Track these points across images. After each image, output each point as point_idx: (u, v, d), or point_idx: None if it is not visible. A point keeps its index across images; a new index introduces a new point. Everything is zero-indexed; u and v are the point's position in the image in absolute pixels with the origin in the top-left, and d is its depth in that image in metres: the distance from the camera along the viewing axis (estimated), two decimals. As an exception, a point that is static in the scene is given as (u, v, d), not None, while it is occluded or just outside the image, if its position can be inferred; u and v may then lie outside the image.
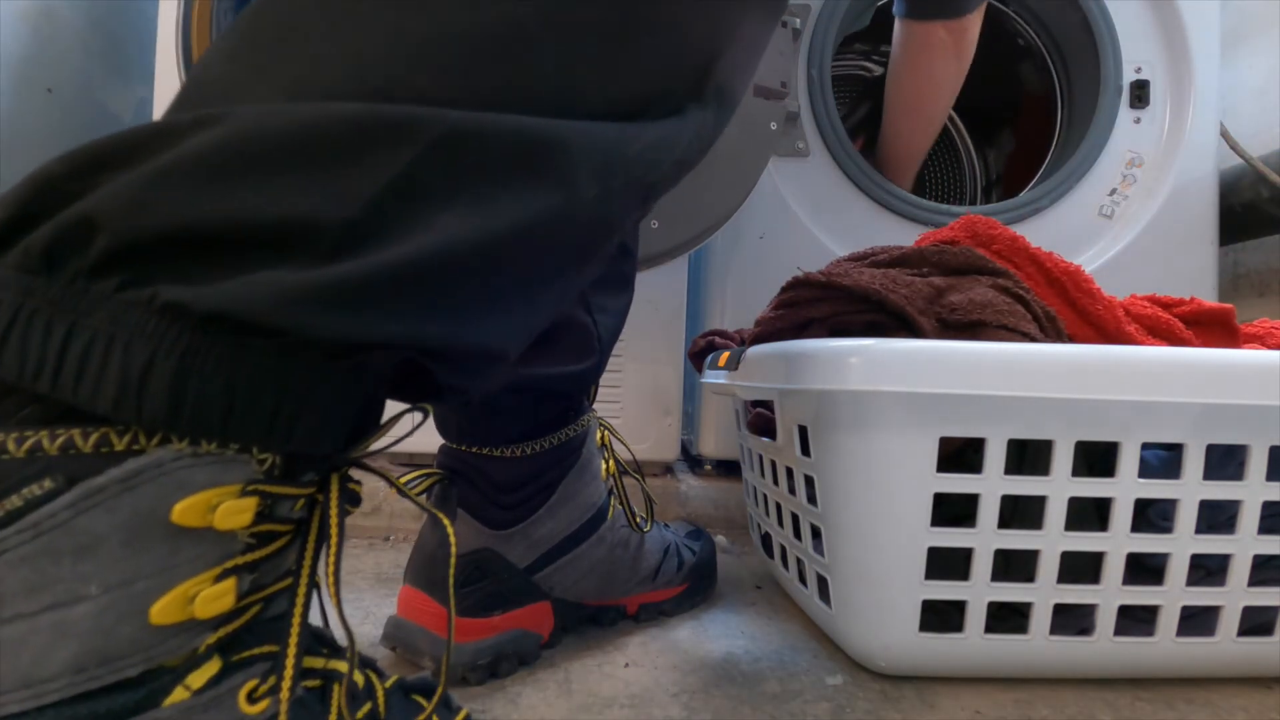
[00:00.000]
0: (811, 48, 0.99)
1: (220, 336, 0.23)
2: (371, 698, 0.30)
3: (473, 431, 0.51)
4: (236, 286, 0.23)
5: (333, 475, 0.28)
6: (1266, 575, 0.50)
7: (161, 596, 0.23)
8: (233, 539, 0.25)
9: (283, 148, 0.23)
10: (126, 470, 0.22)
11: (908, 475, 0.48)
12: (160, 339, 0.22)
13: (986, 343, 0.50)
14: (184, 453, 0.23)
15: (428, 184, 0.25)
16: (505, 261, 0.27)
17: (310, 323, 0.23)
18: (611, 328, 0.53)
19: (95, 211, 0.22)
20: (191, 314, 0.22)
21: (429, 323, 0.26)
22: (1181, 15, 1.05)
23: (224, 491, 0.24)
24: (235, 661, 0.26)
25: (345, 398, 0.27)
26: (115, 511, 0.22)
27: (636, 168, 0.30)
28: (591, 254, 0.32)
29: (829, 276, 0.58)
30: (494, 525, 0.51)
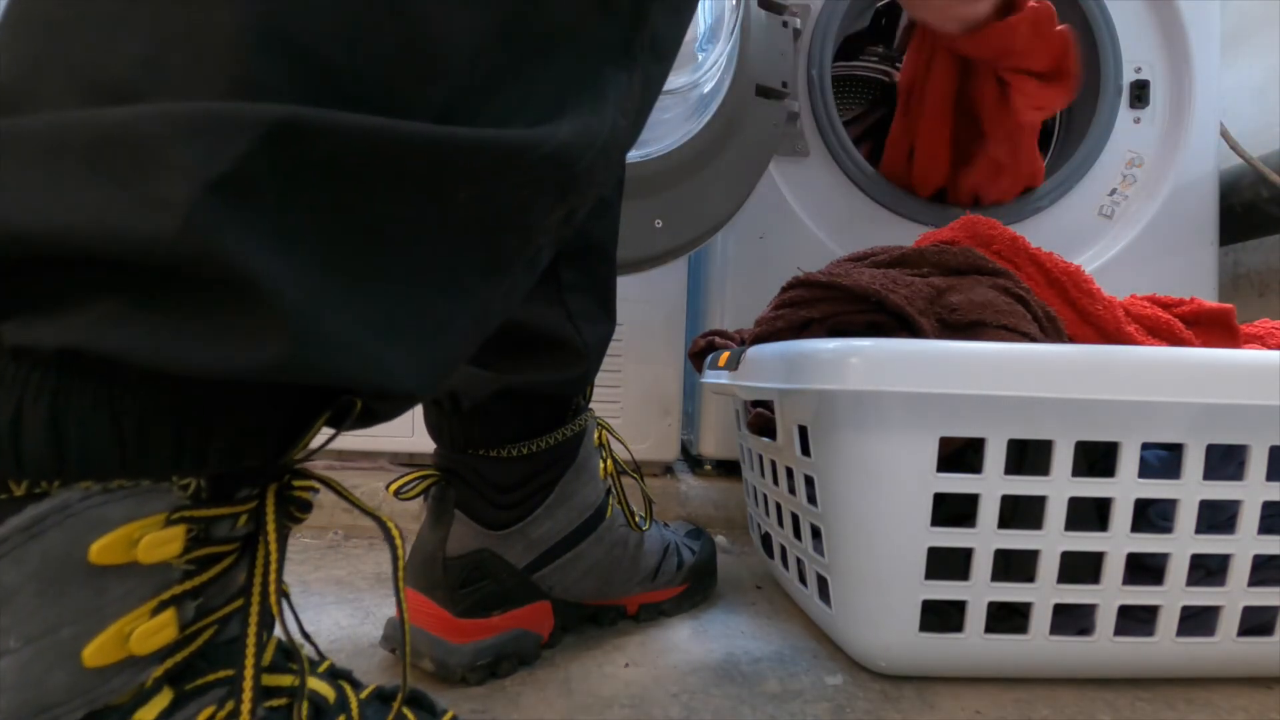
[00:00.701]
0: (811, 48, 0.99)
1: (87, 373, 0.21)
2: (344, 710, 0.29)
3: (466, 437, 0.51)
4: (80, 321, 0.20)
5: (270, 487, 0.26)
6: (1266, 575, 0.50)
7: (93, 639, 0.22)
8: (167, 569, 0.23)
9: (78, 163, 0.20)
10: (28, 518, 0.21)
11: (908, 475, 0.48)
12: (24, 385, 0.21)
13: (986, 343, 0.50)
14: (92, 491, 0.22)
15: (263, 184, 0.21)
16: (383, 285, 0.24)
17: (166, 361, 0.21)
18: (598, 335, 0.52)
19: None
20: (45, 356, 0.20)
21: (304, 359, 0.22)
22: (1181, 15, 1.05)
23: (145, 524, 0.22)
24: (189, 690, 0.24)
25: (258, 414, 0.25)
26: (23, 561, 0.21)
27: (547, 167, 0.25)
28: (507, 265, 0.28)
29: (829, 276, 0.58)
30: (492, 526, 0.51)
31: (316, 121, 0.21)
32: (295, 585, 0.67)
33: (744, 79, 0.80)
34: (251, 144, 0.20)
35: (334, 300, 0.23)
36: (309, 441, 0.28)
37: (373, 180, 0.22)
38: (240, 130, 0.20)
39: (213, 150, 0.20)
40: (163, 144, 0.19)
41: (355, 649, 0.54)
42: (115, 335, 0.21)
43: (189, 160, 0.20)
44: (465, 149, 0.24)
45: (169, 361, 0.21)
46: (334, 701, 0.29)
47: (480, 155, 0.24)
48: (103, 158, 0.20)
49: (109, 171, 0.20)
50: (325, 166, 0.22)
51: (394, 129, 0.22)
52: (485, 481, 0.51)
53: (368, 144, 0.22)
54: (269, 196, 0.21)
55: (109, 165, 0.20)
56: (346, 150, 0.22)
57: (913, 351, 0.47)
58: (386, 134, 0.22)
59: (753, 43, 0.80)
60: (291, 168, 0.21)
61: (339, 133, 0.21)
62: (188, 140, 0.20)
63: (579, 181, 0.28)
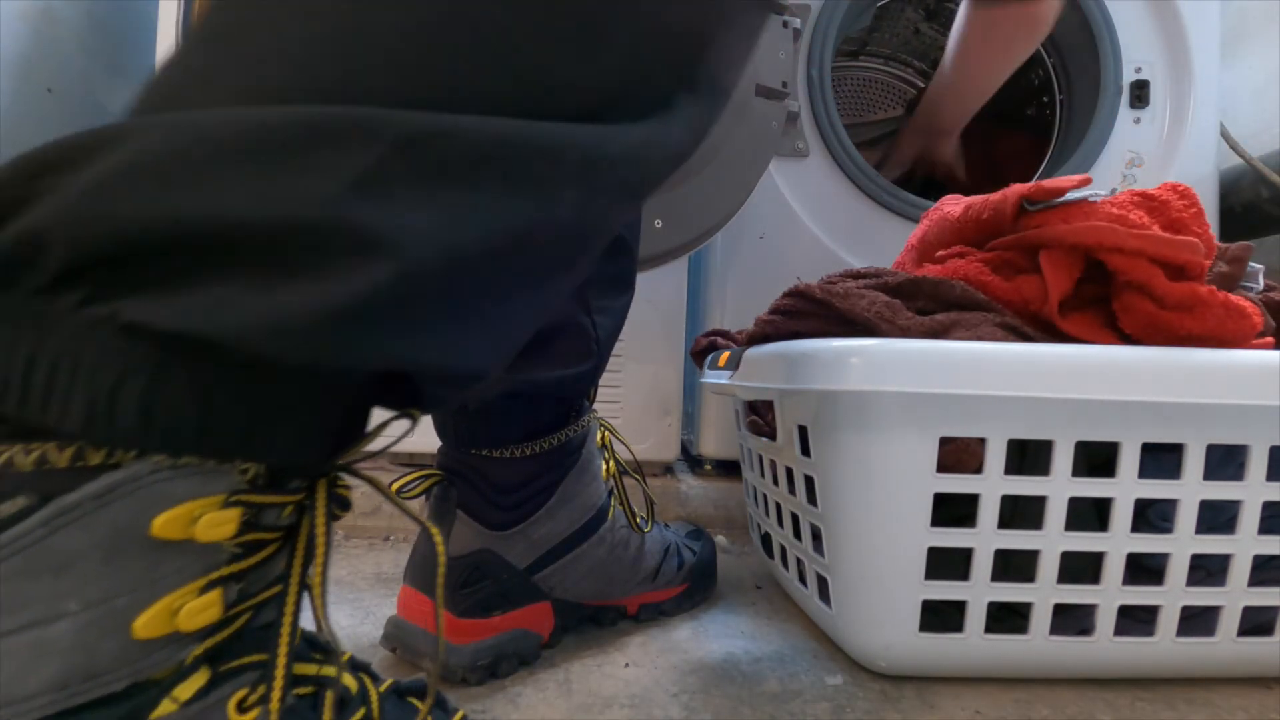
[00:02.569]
0: (811, 48, 0.99)
1: (189, 354, 0.22)
2: (365, 702, 0.30)
3: (471, 436, 0.51)
4: (197, 304, 0.22)
5: (319, 482, 0.28)
6: (1266, 575, 0.50)
7: (144, 611, 0.23)
8: (217, 550, 0.24)
9: (229, 152, 0.22)
10: (102, 485, 0.22)
11: (908, 475, 0.48)
12: (126, 359, 0.22)
13: (986, 343, 0.50)
14: (162, 466, 0.23)
15: (389, 191, 0.23)
16: (479, 274, 0.26)
17: (275, 348, 0.22)
18: (610, 328, 0.53)
19: (42, 224, 0.21)
20: (154, 334, 0.22)
21: (401, 344, 0.24)
22: (1181, 15, 1.05)
23: (206, 503, 0.24)
24: (224, 671, 0.25)
25: (324, 411, 0.26)
26: (92, 528, 0.22)
27: (621, 168, 0.28)
28: (576, 259, 0.31)
29: (825, 293, 0.57)
30: (494, 526, 0.51)
31: (442, 126, 0.23)
32: (295, 585, 0.67)
33: (744, 79, 0.80)
34: (388, 148, 0.22)
35: (440, 286, 0.25)
36: (367, 444, 0.29)
37: (491, 178, 0.25)
38: (379, 135, 0.22)
39: (354, 152, 0.22)
40: (311, 144, 0.22)
41: (356, 649, 0.54)
42: (229, 320, 0.22)
43: (334, 161, 0.22)
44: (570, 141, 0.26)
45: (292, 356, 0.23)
46: (356, 693, 0.30)
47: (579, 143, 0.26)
48: (248, 152, 0.22)
49: (260, 166, 0.22)
50: (447, 165, 0.24)
51: (519, 129, 0.24)
52: (487, 482, 0.51)
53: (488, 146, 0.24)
54: (400, 195, 0.23)
55: (260, 160, 0.22)
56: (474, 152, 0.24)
57: (913, 351, 0.47)
58: (497, 130, 0.24)
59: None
60: (420, 170, 0.23)
61: (468, 136, 0.24)
62: (334, 142, 0.22)
63: (648, 187, 0.31)
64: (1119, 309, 0.53)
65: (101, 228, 0.21)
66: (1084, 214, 0.54)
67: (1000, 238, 0.58)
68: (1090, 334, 0.54)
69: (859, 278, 0.61)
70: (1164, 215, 0.55)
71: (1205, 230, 0.55)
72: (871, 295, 0.56)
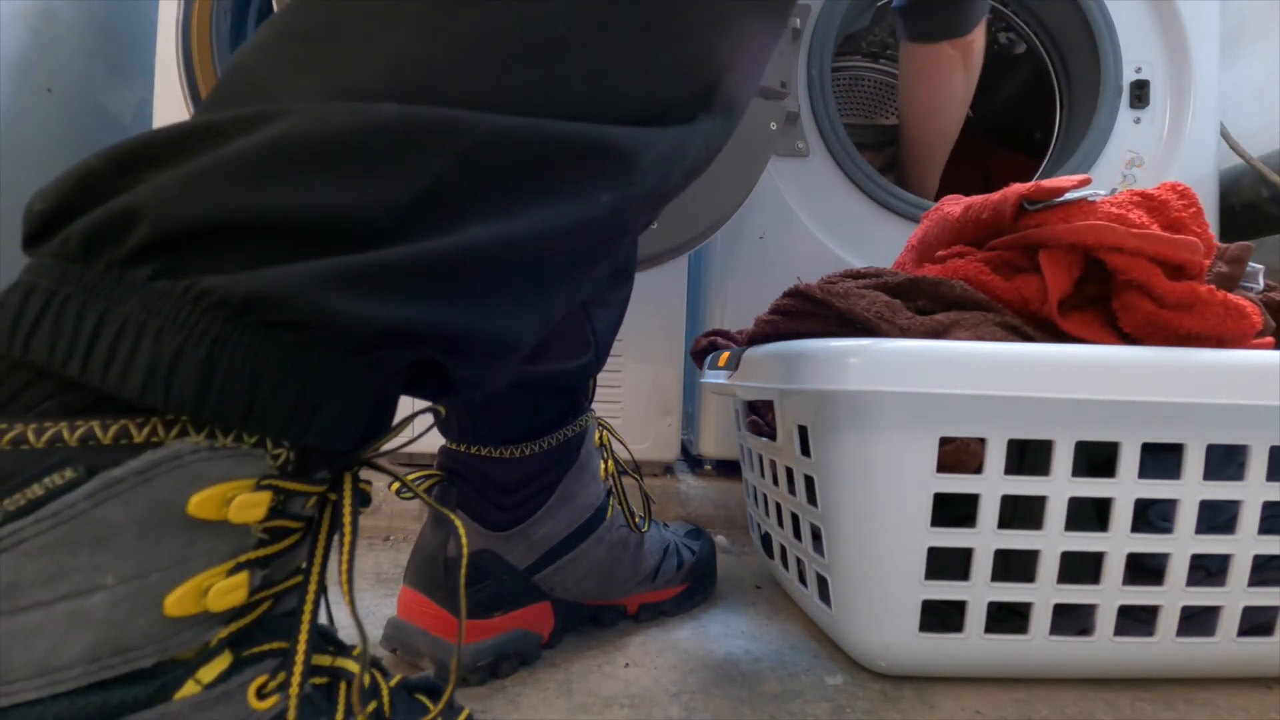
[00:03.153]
0: (811, 48, 0.99)
1: (249, 328, 0.23)
2: (377, 696, 0.31)
3: (474, 431, 0.51)
4: (266, 274, 0.23)
5: (346, 474, 0.29)
6: (1266, 575, 0.50)
7: (176, 588, 0.24)
8: (246, 533, 0.25)
9: (321, 150, 0.24)
10: (144, 462, 0.23)
11: (908, 475, 0.48)
12: (191, 328, 0.23)
13: (986, 343, 0.50)
14: (201, 446, 0.24)
15: (458, 188, 0.25)
16: (525, 260, 0.28)
17: (334, 306, 0.24)
18: (609, 321, 0.53)
19: (137, 205, 0.23)
20: (223, 302, 0.23)
21: (449, 311, 0.27)
22: (1181, 15, 1.05)
23: (239, 485, 0.25)
24: (246, 657, 0.26)
25: (362, 394, 0.27)
26: (132, 503, 0.23)
27: (651, 177, 0.30)
28: (604, 256, 0.33)
29: (825, 293, 0.57)
30: (494, 526, 0.51)
31: (507, 130, 0.25)
32: (295, 585, 0.67)
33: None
34: (452, 157, 0.25)
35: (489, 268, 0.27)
36: (392, 437, 0.31)
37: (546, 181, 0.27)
38: (448, 144, 0.25)
39: (423, 161, 0.24)
40: (386, 152, 0.24)
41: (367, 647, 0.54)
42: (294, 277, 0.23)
43: (404, 170, 0.24)
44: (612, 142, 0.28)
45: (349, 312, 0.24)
46: (369, 686, 0.31)
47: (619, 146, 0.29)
48: (334, 153, 0.24)
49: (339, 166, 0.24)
50: (508, 172, 0.26)
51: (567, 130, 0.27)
52: (487, 482, 0.51)
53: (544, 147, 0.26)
54: (461, 196, 0.25)
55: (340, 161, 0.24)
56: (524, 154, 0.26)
57: (913, 351, 0.47)
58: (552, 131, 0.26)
59: (753, 43, 0.80)
60: (481, 174, 0.25)
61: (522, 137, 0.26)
62: (405, 152, 0.24)
63: (667, 194, 0.33)
64: (1119, 308, 0.53)
65: (188, 211, 0.23)
66: (1084, 213, 0.54)
67: (1000, 237, 0.58)
68: (1090, 333, 0.54)
69: (859, 278, 0.61)
70: (1163, 215, 0.55)
71: (1205, 230, 0.55)
72: (871, 295, 0.56)
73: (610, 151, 0.28)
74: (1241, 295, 0.55)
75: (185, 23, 0.83)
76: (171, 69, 0.84)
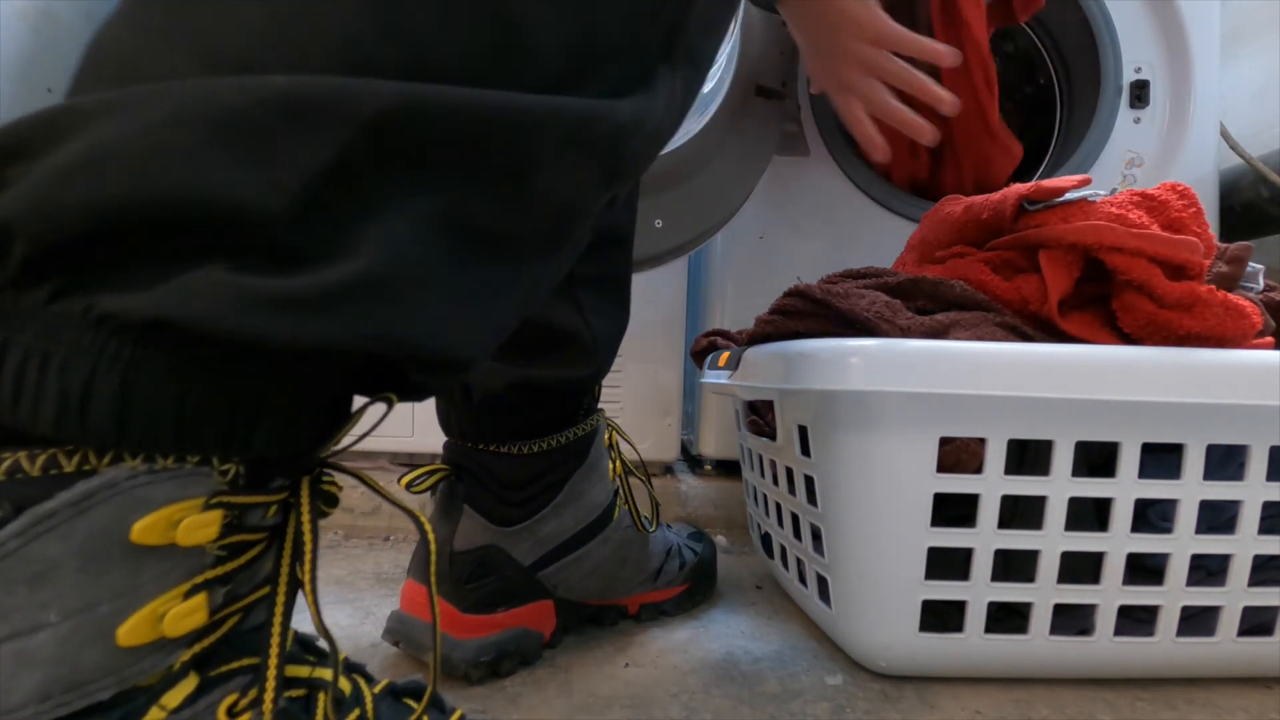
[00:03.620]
0: (811, 48, 0.99)
1: (164, 346, 0.22)
2: (360, 704, 0.30)
3: (476, 430, 0.51)
4: (173, 291, 0.21)
5: (304, 479, 0.27)
6: (1266, 575, 0.50)
7: (128, 618, 0.22)
8: (200, 553, 0.24)
9: (207, 132, 0.21)
10: (77, 493, 0.21)
11: (908, 475, 0.48)
12: (100, 353, 0.21)
13: (986, 343, 0.50)
14: (138, 470, 0.22)
15: (366, 167, 0.22)
16: (459, 257, 0.25)
17: (249, 325, 0.22)
18: (610, 331, 0.52)
19: (10, 216, 0.20)
20: (130, 324, 0.21)
21: (381, 328, 0.24)
22: (1181, 15, 1.04)
23: (185, 507, 0.23)
24: (213, 676, 0.25)
25: (305, 399, 0.26)
26: (69, 536, 0.21)
27: (602, 146, 0.27)
28: (557, 243, 0.30)
29: (825, 293, 0.57)
30: (500, 522, 0.51)
31: (415, 100, 0.22)
32: (295, 585, 0.67)
33: (744, 79, 0.80)
34: (360, 130, 0.22)
35: (423, 272, 0.24)
36: (345, 434, 0.29)
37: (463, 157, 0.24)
38: (348, 116, 0.21)
39: (322, 139, 0.21)
40: (279, 128, 0.21)
41: (355, 649, 0.54)
42: (206, 303, 0.21)
43: (301, 148, 0.21)
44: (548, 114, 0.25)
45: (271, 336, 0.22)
46: (350, 695, 0.29)
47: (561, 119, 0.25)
48: (222, 134, 0.21)
49: (228, 148, 0.21)
50: (422, 145, 0.23)
51: (484, 98, 0.23)
52: (495, 478, 0.51)
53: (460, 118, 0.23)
54: (371, 178, 0.22)
55: (228, 142, 0.21)
56: (442, 127, 0.23)
57: (913, 351, 0.47)
58: (479, 105, 0.23)
59: (753, 43, 0.80)
60: (391, 148, 0.22)
61: (436, 110, 0.23)
62: (301, 127, 0.21)
63: (626, 166, 0.29)
64: (1119, 308, 0.53)
65: (67, 215, 0.20)
66: (1083, 213, 0.54)
67: (1000, 237, 0.58)
68: (1090, 333, 0.54)
69: (859, 278, 0.61)
70: (1163, 215, 0.55)
71: (1205, 230, 0.55)
72: (871, 295, 0.56)
73: (547, 120, 0.25)
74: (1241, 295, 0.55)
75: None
76: (171, 69, 0.84)
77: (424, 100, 0.22)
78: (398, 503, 0.31)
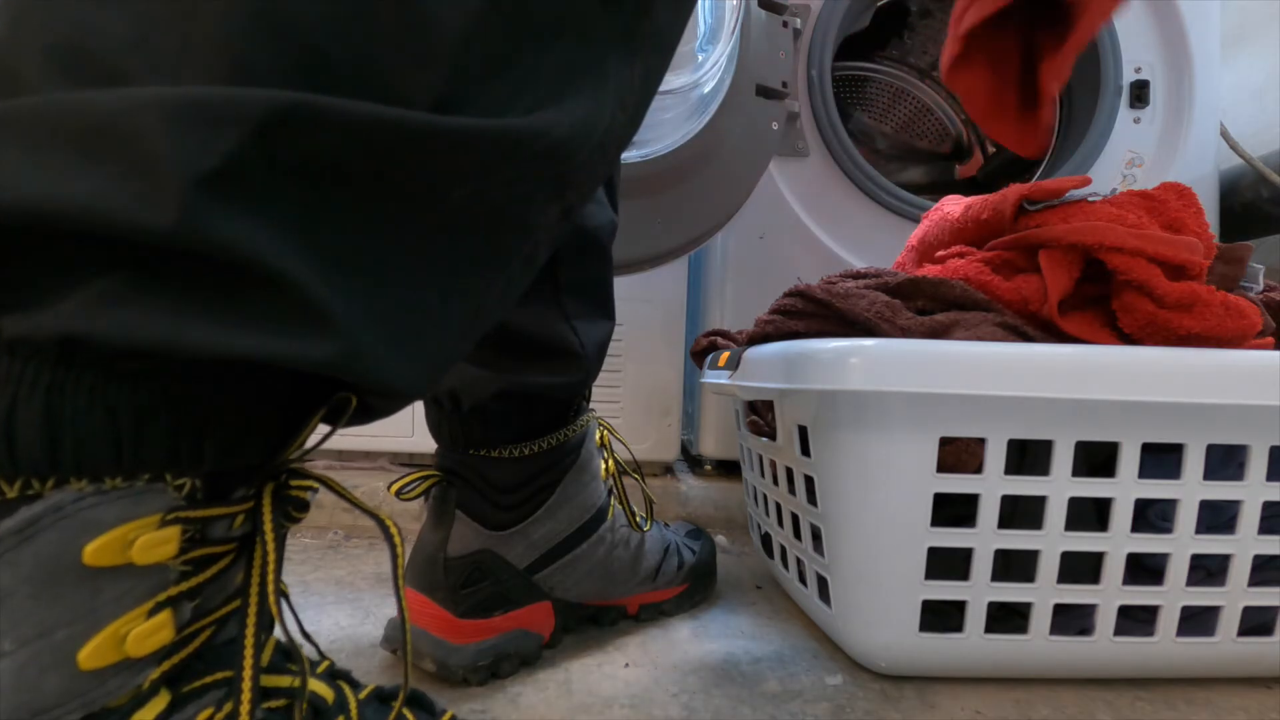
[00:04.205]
0: (811, 48, 0.99)
1: (83, 365, 0.21)
2: (344, 710, 0.29)
3: (467, 437, 0.51)
4: (77, 305, 0.20)
5: (266, 487, 0.26)
6: (1266, 575, 0.50)
7: (88, 642, 0.22)
8: (162, 570, 0.23)
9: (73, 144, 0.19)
10: (21, 520, 0.21)
11: (908, 475, 0.48)
12: (19, 381, 0.20)
13: (986, 343, 0.50)
14: (85, 492, 0.21)
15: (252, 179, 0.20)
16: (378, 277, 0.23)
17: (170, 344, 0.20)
18: (597, 336, 0.52)
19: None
20: (43, 345, 0.20)
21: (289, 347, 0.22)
22: (1181, 15, 1.05)
23: (139, 525, 0.22)
24: (186, 693, 0.24)
25: (254, 408, 0.25)
26: (17, 564, 0.21)
27: (543, 163, 0.25)
28: (505, 262, 0.28)
29: (826, 293, 0.57)
30: (493, 526, 0.51)
31: (307, 109, 0.20)
32: (295, 585, 0.67)
33: (744, 79, 0.80)
34: (242, 135, 0.20)
35: (340, 291, 0.22)
36: (305, 439, 0.27)
37: (366, 171, 0.22)
38: (231, 121, 0.19)
39: (204, 143, 0.19)
40: (154, 136, 0.19)
41: (355, 649, 0.54)
42: (115, 317, 0.20)
43: (180, 154, 0.19)
44: (462, 139, 0.23)
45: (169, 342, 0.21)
46: (333, 702, 0.29)
47: (477, 146, 0.23)
48: (95, 146, 0.19)
49: (101, 160, 0.19)
50: (317, 156, 0.21)
51: (387, 116, 0.21)
52: (487, 482, 0.51)
53: (360, 133, 0.21)
54: (262, 188, 0.20)
55: (101, 154, 0.19)
56: (339, 139, 0.21)
57: (913, 351, 0.47)
58: (379, 121, 0.21)
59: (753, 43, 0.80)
60: (284, 158, 0.20)
61: (331, 121, 0.21)
62: (179, 132, 0.19)
63: (576, 176, 0.27)
64: (1119, 308, 0.53)
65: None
66: (1083, 214, 0.54)
67: (1000, 237, 0.58)
68: (1090, 333, 0.54)
69: (859, 278, 0.61)
70: (1163, 215, 0.55)
71: (1205, 230, 0.55)
72: (872, 295, 0.56)
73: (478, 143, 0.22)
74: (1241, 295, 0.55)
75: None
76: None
77: (316, 108, 0.20)
78: (362, 506, 0.29)
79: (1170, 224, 0.55)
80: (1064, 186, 0.55)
